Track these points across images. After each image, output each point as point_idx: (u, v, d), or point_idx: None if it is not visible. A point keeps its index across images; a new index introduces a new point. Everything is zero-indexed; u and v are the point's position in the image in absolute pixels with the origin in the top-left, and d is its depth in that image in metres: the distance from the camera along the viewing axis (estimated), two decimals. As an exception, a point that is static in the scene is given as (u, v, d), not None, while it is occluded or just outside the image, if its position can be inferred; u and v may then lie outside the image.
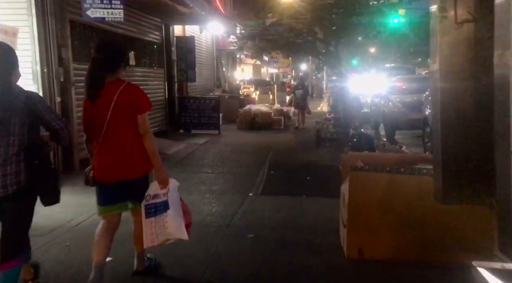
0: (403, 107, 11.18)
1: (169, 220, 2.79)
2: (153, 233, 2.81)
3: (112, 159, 2.80)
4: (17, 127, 2.45)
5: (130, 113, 2.76)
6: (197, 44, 14.23)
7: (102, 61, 2.79)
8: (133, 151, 2.79)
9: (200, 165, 7.44)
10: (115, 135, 2.77)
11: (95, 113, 2.78)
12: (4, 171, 2.43)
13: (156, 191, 2.85)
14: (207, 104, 11.99)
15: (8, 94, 2.44)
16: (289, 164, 7.48)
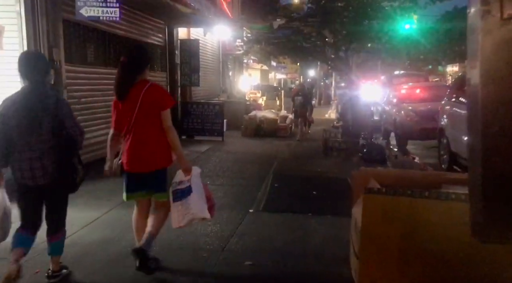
0: (416, 116, 10.65)
1: (192, 202, 3.07)
2: (180, 215, 3.11)
3: (138, 152, 3.10)
4: (49, 126, 2.84)
5: (155, 110, 3.05)
6: (202, 47, 13.85)
7: (130, 64, 3.11)
8: (156, 146, 3.10)
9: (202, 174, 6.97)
10: (142, 130, 3.07)
11: (124, 111, 3.09)
12: (42, 164, 2.85)
13: (181, 178, 3.18)
14: (211, 109, 11.56)
15: (43, 98, 2.85)
16: (294, 175, 7.00)
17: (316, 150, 9.96)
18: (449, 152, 7.11)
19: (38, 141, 2.85)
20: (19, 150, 2.87)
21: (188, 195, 3.10)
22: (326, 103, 29.24)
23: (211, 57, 15.34)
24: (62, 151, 2.92)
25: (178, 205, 3.12)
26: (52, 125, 2.85)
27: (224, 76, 18.01)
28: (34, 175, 2.87)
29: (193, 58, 11.61)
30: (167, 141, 3.11)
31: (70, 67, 6.31)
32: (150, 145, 3.09)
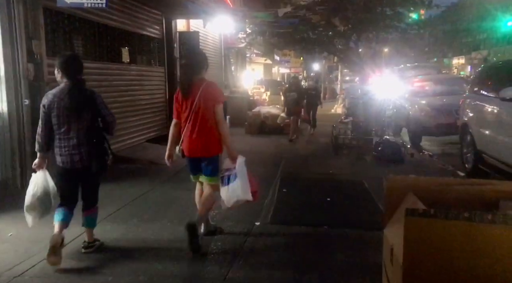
0: (431, 110, 9.95)
1: (237, 187, 3.50)
2: (226, 198, 3.57)
3: (195, 140, 3.57)
4: (85, 116, 3.30)
5: (210, 104, 3.52)
6: (203, 40, 13.17)
7: (190, 67, 3.63)
8: (210, 136, 3.55)
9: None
10: (198, 121, 3.54)
11: (184, 104, 3.59)
12: (80, 150, 3.30)
13: (228, 165, 3.60)
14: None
15: (80, 91, 3.31)
16: (304, 178, 6.34)
17: (325, 148, 9.30)
18: (475, 151, 6.42)
19: (75, 130, 3.32)
20: (59, 137, 3.34)
21: (234, 180, 3.54)
22: (331, 97, 28.51)
23: (212, 50, 14.65)
24: (96, 139, 3.38)
25: (226, 189, 3.59)
26: (88, 116, 3.34)
27: (226, 71, 17.32)
28: (72, 160, 3.34)
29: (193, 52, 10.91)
30: (218, 132, 3.58)
31: (52, 61, 5.65)
32: (205, 135, 3.57)
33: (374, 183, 5.91)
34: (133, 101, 8.30)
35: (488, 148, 5.95)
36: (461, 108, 7.41)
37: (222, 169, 3.67)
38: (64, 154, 3.33)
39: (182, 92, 3.64)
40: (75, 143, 3.31)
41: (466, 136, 6.85)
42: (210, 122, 3.56)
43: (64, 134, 3.31)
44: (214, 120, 3.56)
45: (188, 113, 3.57)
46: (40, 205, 3.37)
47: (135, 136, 8.35)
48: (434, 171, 6.83)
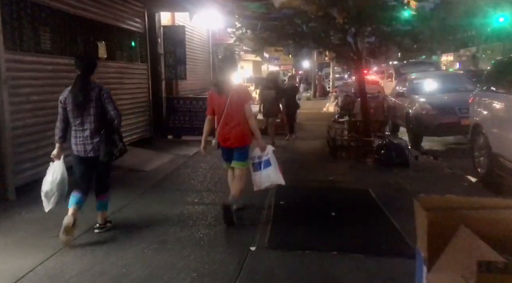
0: (433, 109, 9.36)
1: (271, 172, 4.21)
2: (259, 181, 4.28)
3: (229, 133, 4.21)
4: (94, 110, 3.69)
5: (239, 103, 4.14)
6: (189, 36, 12.42)
7: (226, 69, 4.35)
8: (242, 129, 4.18)
9: (184, 189, 5.61)
10: (231, 117, 4.15)
11: (218, 102, 4.21)
12: (92, 140, 3.71)
13: (258, 153, 4.28)
14: (200, 105, 10.17)
15: (88, 88, 3.70)
16: (302, 187, 5.67)
17: (321, 151, 8.64)
18: (489, 154, 5.82)
19: (87, 122, 3.66)
20: (75, 129, 3.69)
21: (267, 167, 4.13)
22: (321, 95, 27.92)
23: (200, 47, 13.91)
24: (104, 131, 3.66)
25: (258, 174, 4.17)
26: (97, 110, 3.64)
27: (215, 68, 16.59)
28: (85, 149, 3.68)
29: (179, 48, 10.18)
30: (248, 125, 4.16)
31: (12, 55, 4.89)
32: (237, 128, 4.13)
33: (381, 191, 5.28)
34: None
35: (507, 151, 5.35)
36: (471, 107, 6.81)
37: (253, 156, 4.30)
38: (79, 143, 3.72)
39: (217, 92, 4.24)
40: (88, 134, 3.68)
41: (479, 137, 6.25)
42: (240, 118, 4.15)
43: (78, 126, 3.69)
44: (244, 116, 4.15)
45: (222, 110, 4.14)
46: (58, 191, 3.68)
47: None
48: (443, 177, 6.22)
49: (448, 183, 5.74)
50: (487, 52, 44.11)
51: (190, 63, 12.32)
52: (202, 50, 14.21)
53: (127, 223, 4.24)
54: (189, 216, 4.42)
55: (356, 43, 8.40)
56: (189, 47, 12.14)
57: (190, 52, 12.43)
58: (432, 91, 10.35)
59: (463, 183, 5.87)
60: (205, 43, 14.74)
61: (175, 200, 5.04)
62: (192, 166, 7.04)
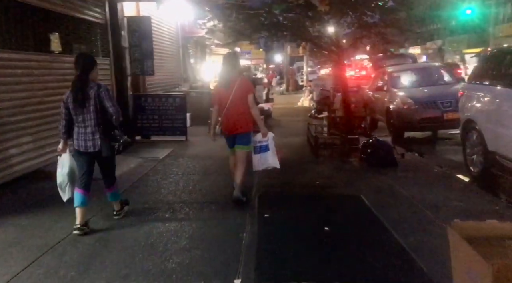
0: (415, 103, 8.99)
1: (269, 156, 4.73)
2: (257, 163, 4.79)
3: (232, 121, 4.63)
4: (94, 107, 3.82)
5: (243, 94, 4.59)
6: (158, 28, 11.60)
7: (230, 66, 4.74)
8: (244, 117, 4.62)
9: (153, 201, 4.90)
10: (234, 107, 4.59)
11: (223, 94, 4.66)
12: (93, 136, 3.86)
13: (260, 139, 4.75)
14: (170, 103, 9.46)
15: (86, 86, 3.82)
16: (287, 195, 5.09)
17: (301, 149, 8.11)
18: (484, 152, 5.43)
19: (87, 119, 3.85)
20: (77, 125, 3.91)
21: (266, 151, 4.74)
22: (294, 89, 27.47)
23: (169, 40, 13.09)
24: (106, 126, 3.89)
25: (258, 156, 4.79)
26: (96, 107, 3.83)
27: (185, 63, 15.78)
28: (85, 145, 3.90)
29: (145, 41, 9.35)
30: (251, 114, 4.66)
31: None
32: (241, 117, 4.63)
33: (374, 198, 4.78)
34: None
35: (505, 150, 4.95)
36: (461, 101, 6.42)
37: (254, 140, 4.76)
38: (80, 139, 3.88)
39: (223, 85, 4.73)
40: (89, 130, 3.83)
41: (471, 134, 5.85)
42: (244, 107, 4.60)
43: (80, 123, 3.85)
44: (247, 106, 4.60)
45: (226, 102, 4.59)
46: (69, 181, 3.90)
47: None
48: (435, 177, 5.79)
49: (442, 185, 5.31)
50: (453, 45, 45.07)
51: (159, 57, 11.51)
52: (171, 43, 13.40)
53: (79, 252, 3.53)
54: (159, 238, 3.74)
55: (337, 34, 7.87)
56: (157, 40, 11.32)
57: (158, 45, 11.61)
58: (412, 84, 10.01)
59: (458, 184, 5.46)
60: (174, 36, 13.91)
61: (141, 217, 4.34)
62: (163, 172, 6.33)
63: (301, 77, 29.33)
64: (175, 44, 13.99)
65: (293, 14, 7.45)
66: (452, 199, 4.70)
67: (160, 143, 8.78)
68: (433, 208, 4.37)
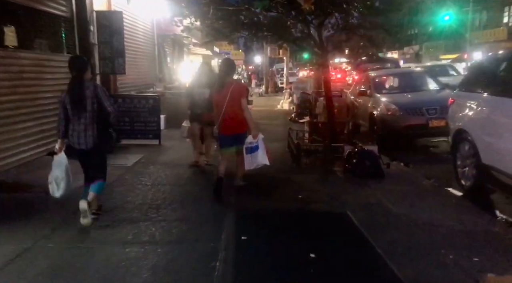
0: (400, 110, 8.66)
1: (258, 155, 4.94)
2: (249, 162, 5.00)
3: (228, 123, 5.01)
4: (89, 106, 3.98)
5: (237, 98, 4.96)
6: (131, 25, 10.95)
7: (225, 72, 5.18)
8: (239, 119, 4.99)
9: (116, 220, 4.30)
10: (230, 110, 4.95)
11: (220, 98, 5.02)
12: (87, 133, 4.02)
13: (251, 140, 4.97)
14: (143, 104, 8.84)
15: (82, 85, 3.99)
16: (268, 212, 4.58)
17: (282, 157, 7.61)
18: (478, 165, 5.07)
19: (83, 118, 4.00)
20: (72, 123, 4.04)
21: (256, 151, 4.96)
22: (273, 91, 27.07)
23: (143, 38, 12.44)
24: (100, 125, 4.06)
25: (249, 156, 4.99)
26: (92, 106, 3.97)
27: (161, 62, 15.12)
28: (79, 142, 4.05)
29: (116, 37, 8.73)
30: (244, 116, 5.00)
31: None
32: (235, 119, 5.00)
33: (363, 216, 4.34)
34: (27, 101, 6.06)
35: (503, 164, 4.59)
36: (451, 110, 6.07)
37: (246, 142, 4.96)
38: (74, 136, 4.05)
39: (219, 89, 5.04)
40: (83, 128, 4.00)
41: (463, 145, 5.49)
42: (238, 110, 4.94)
43: (75, 121, 4.01)
44: (241, 108, 4.94)
45: (223, 104, 4.93)
46: (67, 178, 4.08)
47: (29, 149, 6.12)
48: (425, 191, 5.40)
49: (434, 201, 4.92)
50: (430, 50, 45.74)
51: (132, 55, 10.87)
52: (146, 41, 12.75)
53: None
54: (116, 269, 3.16)
55: (321, 35, 7.44)
56: (130, 37, 10.68)
57: (132, 43, 10.97)
58: (397, 90, 9.70)
59: (450, 199, 5.07)
60: (149, 33, 13.27)
61: (99, 240, 3.76)
62: (130, 182, 5.73)
63: (281, 79, 28.99)
64: (150, 42, 13.35)
65: (275, 13, 6.98)
66: (447, 217, 4.31)
67: (131, 148, 8.15)
68: (428, 229, 3.96)
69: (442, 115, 8.47)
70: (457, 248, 3.52)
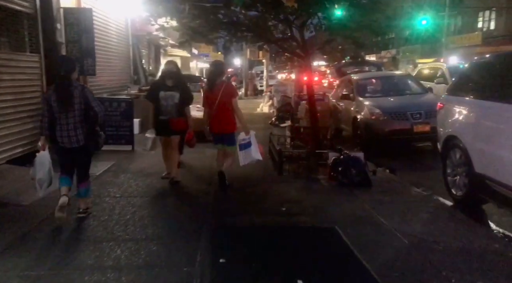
0: (384, 114, 8.40)
1: (252, 151, 5.27)
2: (243, 158, 5.34)
3: (218, 122, 5.26)
4: (77, 106, 4.12)
5: (228, 98, 5.24)
6: (103, 23, 10.37)
7: (216, 73, 5.41)
8: (229, 118, 5.29)
9: (74, 239, 3.80)
10: (221, 109, 5.22)
11: (211, 97, 5.28)
12: (74, 133, 4.14)
13: (243, 137, 5.33)
14: (115, 108, 8.34)
15: (69, 86, 4.13)
16: (248, 228, 4.15)
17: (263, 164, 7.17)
18: (470, 174, 4.78)
19: (71, 117, 4.12)
20: (59, 123, 4.14)
21: (249, 147, 5.29)
22: (252, 94, 26.67)
23: (116, 38, 11.84)
24: (88, 124, 4.19)
25: (243, 152, 5.32)
26: (80, 106, 4.12)
27: (136, 64, 14.51)
28: (69, 141, 4.16)
29: (85, 36, 8.16)
30: (234, 116, 5.31)
31: None
32: (226, 118, 5.26)
33: (351, 230, 3.99)
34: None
35: (498, 173, 4.31)
36: (440, 115, 5.79)
37: (239, 139, 5.37)
38: (64, 136, 4.16)
39: (210, 90, 5.36)
40: (72, 127, 4.12)
41: (454, 152, 5.21)
42: (229, 109, 5.28)
43: (62, 120, 4.12)
44: (230, 108, 5.28)
45: (214, 104, 5.23)
46: (47, 176, 4.21)
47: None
48: (415, 202, 5.08)
49: (426, 213, 4.61)
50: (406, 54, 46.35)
51: (104, 56, 10.29)
52: (119, 41, 12.14)
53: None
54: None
55: (303, 36, 7.09)
56: (101, 37, 10.10)
57: (104, 42, 10.38)
58: (380, 93, 9.44)
59: (442, 212, 4.75)
60: (123, 33, 12.66)
61: (55, 264, 3.26)
62: (96, 194, 5.19)
63: (260, 82, 28.63)
64: (124, 43, 12.75)
65: (255, 13, 6.58)
66: (441, 232, 3.98)
67: (102, 154, 7.54)
68: (424, 247, 3.62)
69: (427, 120, 8.28)
70: (457, 270, 3.18)
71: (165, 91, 5.50)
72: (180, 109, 5.51)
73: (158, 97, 5.53)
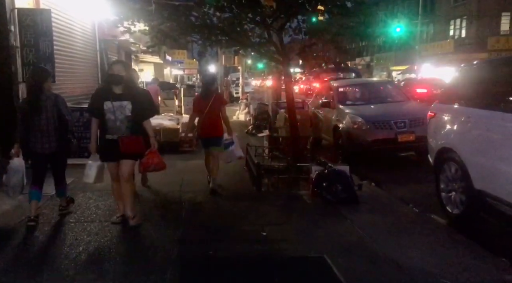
0: (366, 123, 7.96)
1: (234, 150, 5.95)
2: (227, 157, 5.98)
3: (207, 127, 5.73)
4: (50, 114, 4.30)
5: (218, 105, 5.78)
6: (65, 26, 9.59)
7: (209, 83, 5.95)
8: (218, 124, 5.78)
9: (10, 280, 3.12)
10: (211, 115, 5.69)
11: (202, 104, 5.74)
12: (49, 139, 4.33)
13: (227, 137, 5.91)
14: (76, 117, 7.57)
15: (41, 94, 4.30)
16: (223, 260, 3.55)
17: (240, 178, 6.62)
18: (468, 190, 4.35)
19: (45, 124, 4.30)
20: (33, 129, 4.31)
21: (231, 145, 5.90)
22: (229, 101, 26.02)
23: (82, 42, 11.05)
24: (61, 130, 4.38)
25: (227, 152, 5.91)
26: (53, 113, 4.31)
27: (104, 70, 13.70)
28: (43, 146, 4.32)
29: (43, 39, 7.39)
30: (222, 121, 5.81)
31: None
32: (214, 123, 5.75)
33: (343, 260, 3.45)
34: None
35: (499, 190, 3.88)
36: (431, 125, 5.37)
37: (224, 139, 5.89)
38: (37, 141, 4.31)
39: (203, 97, 5.85)
40: (44, 134, 4.29)
41: (449, 166, 4.77)
42: (217, 115, 5.77)
43: (36, 127, 4.29)
44: (219, 115, 5.79)
45: (205, 110, 5.68)
46: (19, 183, 4.42)
47: None
48: (408, 222, 4.59)
49: (421, 235, 4.12)
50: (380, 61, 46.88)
51: (67, 61, 9.52)
52: (85, 46, 11.35)
53: None
54: None
55: (281, 40, 6.58)
56: (64, 41, 9.34)
57: (66, 47, 9.60)
58: (362, 101, 9.04)
59: (441, 233, 4.25)
60: (90, 38, 11.87)
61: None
62: (48, 219, 4.48)
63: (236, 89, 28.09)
64: (91, 48, 11.96)
65: (230, 15, 6.03)
66: (444, 261, 3.50)
67: (61, 170, 6.82)
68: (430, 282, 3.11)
69: (412, 129, 7.91)
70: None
71: (112, 101, 4.12)
72: (134, 125, 4.17)
73: (102, 109, 4.14)
